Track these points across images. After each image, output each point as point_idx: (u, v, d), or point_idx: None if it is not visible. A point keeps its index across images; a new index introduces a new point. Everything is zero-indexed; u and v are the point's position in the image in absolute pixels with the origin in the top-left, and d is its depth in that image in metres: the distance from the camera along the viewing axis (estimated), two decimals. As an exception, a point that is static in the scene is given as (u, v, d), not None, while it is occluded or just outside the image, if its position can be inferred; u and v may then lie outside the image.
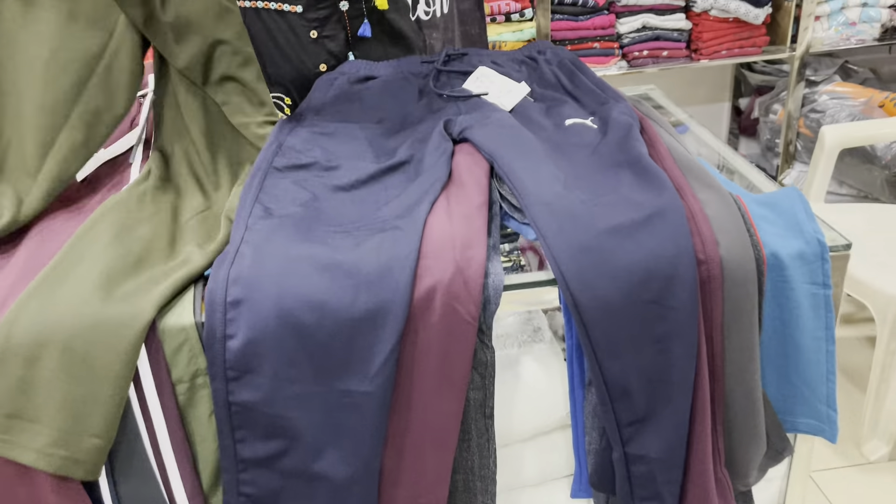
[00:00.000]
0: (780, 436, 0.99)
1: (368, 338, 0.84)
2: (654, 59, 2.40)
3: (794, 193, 0.94)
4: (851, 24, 2.43)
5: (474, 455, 0.94)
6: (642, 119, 1.13)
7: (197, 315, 0.84)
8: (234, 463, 0.88)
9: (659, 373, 0.87)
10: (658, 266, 0.85)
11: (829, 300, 0.91)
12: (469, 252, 0.87)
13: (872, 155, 2.35)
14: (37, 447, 0.78)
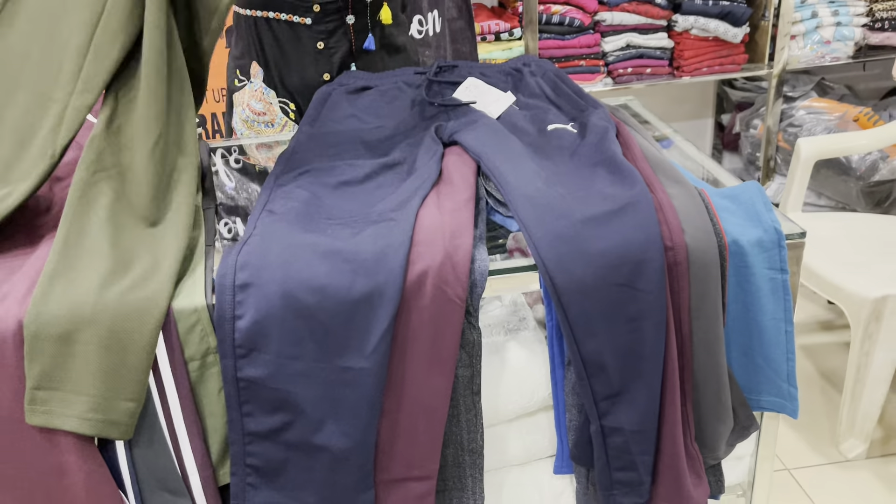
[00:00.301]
0: (747, 413, 1.07)
1: (365, 318, 0.92)
2: (637, 76, 2.51)
3: (754, 187, 1.03)
4: (826, 43, 2.54)
5: (463, 430, 1.01)
6: (618, 124, 1.22)
7: (208, 297, 0.92)
8: (241, 436, 0.95)
9: (631, 350, 0.95)
10: (629, 252, 0.94)
11: (786, 284, 0.99)
12: (457, 240, 0.95)
13: (848, 167, 2.46)
14: (76, 414, 0.86)
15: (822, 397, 2.22)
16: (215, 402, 0.94)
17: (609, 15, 2.42)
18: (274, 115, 1.56)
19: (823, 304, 2.61)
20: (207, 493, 0.95)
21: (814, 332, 2.53)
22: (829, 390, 2.25)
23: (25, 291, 0.90)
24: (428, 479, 0.99)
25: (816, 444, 2.06)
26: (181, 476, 0.94)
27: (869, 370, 1.89)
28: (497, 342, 1.13)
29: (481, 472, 1.03)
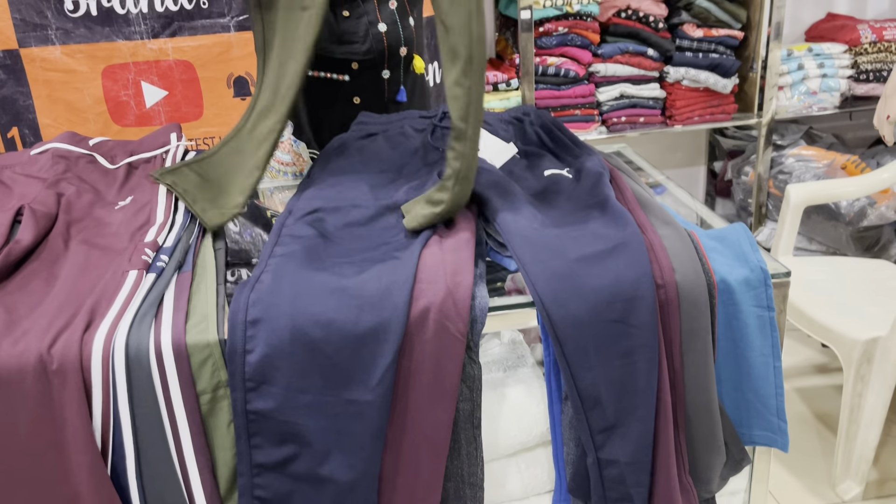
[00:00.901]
0: (739, 447, 1.10)
1: (370, 352, 0.96)
2: (631, 125, 2.59)
3: (741, 229, 1.08)
4: (813, 94, 2.63)
5: (464, 463, 1.04)
6: (612, 169, 1.28)
7: (220, 332, 0.96)
8: (249, 468, 0.98)
9: (626, 384, 0.99)
10: (622, 289, 0.98)
11: (773, 321, 1.04)
12: (458, 278, 1.00)
13: (837, 213, 2.52)
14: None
15: (818, 439, 2.24)
16: (224, 436, 0.97)
17: (603, 66, 2.51)
18: (303, 165, 1.61)
19: (817, 348, 2.64)
20: (215, 525, 0.98)
21: (808, 374, 2.55)
22: (825, 432, 2.27)
23: (46, 326, 0.94)
24: (430, 513, 1.02)
25: (813, 486, 2.07)
26: (190, 507, 0.96)
27: (862, 412, 1.92)
28: (496, 379, 1.17)
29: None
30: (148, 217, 1.21)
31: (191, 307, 1.01)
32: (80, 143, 1.49)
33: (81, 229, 1.22)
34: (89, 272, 1.08)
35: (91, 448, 0.91)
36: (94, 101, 2.30)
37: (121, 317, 0.96)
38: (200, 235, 1.20)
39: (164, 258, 1.10)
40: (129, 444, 0.93)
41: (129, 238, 1.17)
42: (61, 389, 0.90)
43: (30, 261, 1.12)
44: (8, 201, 1.31)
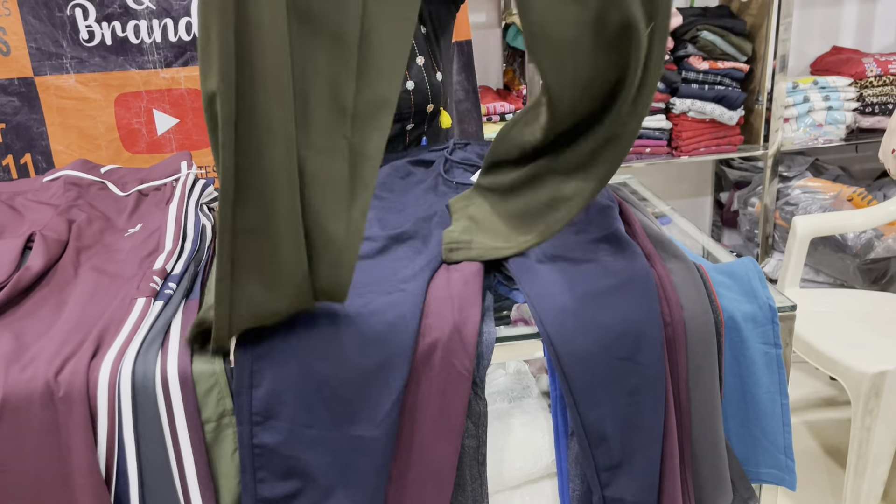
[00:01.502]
0: (746, 485, 1.09)
1: (377, 387, 0.96)
2: (637, 155, 2.60)
3: (750, 263, 1.08)
4: (818, 126, 2.64)
5: (468, 499, 1.04)
6: (620, 202, 1.29)
7: (226, 361, 0.96)
8: (254, 501, 0.98)
9: (632, 421, 0.99)
10: (630, 326, 0.98)
11: (780, 358, 1.03)
12: (465, 313, 1.00)
13: (844, 245, 2.51)
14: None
15: (827, 474, 2.22)
16: (229, 464, 0.97)
17: (610, 97, 2.53)
18: None
19: (826, 381, 2.63)
20: (217, 555, 0.97)
21: (817, 408, 2.53)
22: (834, 467, 2.25)
23: (54, 353, 0.94)
24: (433, 550, 1.01)
25: (821, 521, 2.05)
26: (193, 538, 0.96)
27: (871, 446, 1.90)
28: (501, 409, 1.16)
29: (486, 541, 1.05)
30: (157, 244, 1.22)
31: (198, 336, 1.01)
32: (92, 170, 1.51)
33: (91, 256, 1.23)
34: (98, 299, 1.09)
35: (95, 476, 0.91)
36: (107, 128, 2.33)
37: (128, 344, 0.96)
38: (208, 263, 1.21)
39: (171, 286, 1.10)
40: (134, 471, 0.93)
41: (138, 265, 1.17)
42: (67, 416, 0.90)
43: (39, 287, 1.13)
44: (20, 227, 1.32)
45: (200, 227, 1.30)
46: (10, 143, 2.30)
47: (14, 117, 2.27)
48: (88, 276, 1.16)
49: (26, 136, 2.29)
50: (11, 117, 2.27)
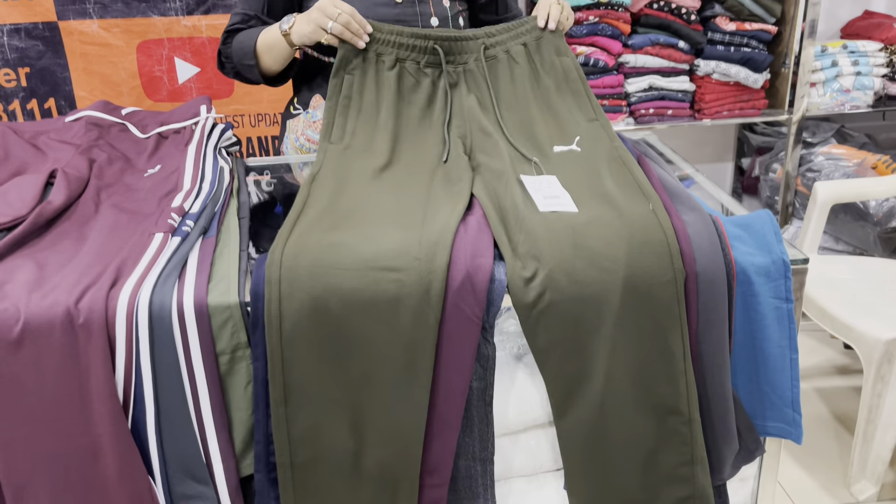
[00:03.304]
0: (753, 437, 1.10)
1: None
2: (659, 117, 2.57)
3: (766, 216, 1.08)
4: (846, 91, 2.59)
5: (475, 440, 1.05)
6: (639, 156, 1.28)
7: (241, 295, 0.98)
8: (265, 435, 1.00)
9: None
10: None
11: (791, 313, 1.03)
12: (478, 260, 1.01)
13: (865, 212, 2.48)
14: None
15: (836, 440, 2.23)
16: (241, 396, 1.00)
17: (633, 57, 2.49)
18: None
19: (839, 349, 2.62)
20: (230, 482, 1.00)
21: (829, 375, 2.53)
22: (843, 433, 2.25)
23: (74, 282, 0.96)
24: (441, 487, 1.03)
25: (828, 485, 2.06)
26: (206, 465, 0.99)
27: (881, 412, 1.90)
28: (510, 354, 1.18)
29: (492, 480, 1.07)
30: (175, 184, 1.24)
31: (213, 270, 1.03)
32: (113, 112, 1.52)
33: (111, 194, 1.25)
34: (118, 234, 1.11)
35: (113, 401, 0.94)
36: (129, 75, 2.34)
37: (145, 276, 0.98)
38: (225, 204, 1.22)
39: (189, 223, 1.12)
40: (150, 399, 0.96)
41: (157, 203, 1.19)
42: (86, 343, 0.92)
43: (61, 221, 1.15)
44: (42, 165, 1.34)
45: (218, 168, 1.31)
46: (35, 88, 2.32)
47: (38, 61, 2.29)
48: (109, 212, 1.18)
49: (50, 80, 2.31)
50: (35, 61, 2.28)
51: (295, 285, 0.96)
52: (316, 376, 0.97)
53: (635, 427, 1.02)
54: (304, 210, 1.12)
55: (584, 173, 1.18)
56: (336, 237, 1.03)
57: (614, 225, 1.03)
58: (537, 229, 1.03)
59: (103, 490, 0.96)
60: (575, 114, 1.34)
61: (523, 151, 1.27)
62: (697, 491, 1.03)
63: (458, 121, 1.33)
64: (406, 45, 1.37)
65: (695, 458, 1.02)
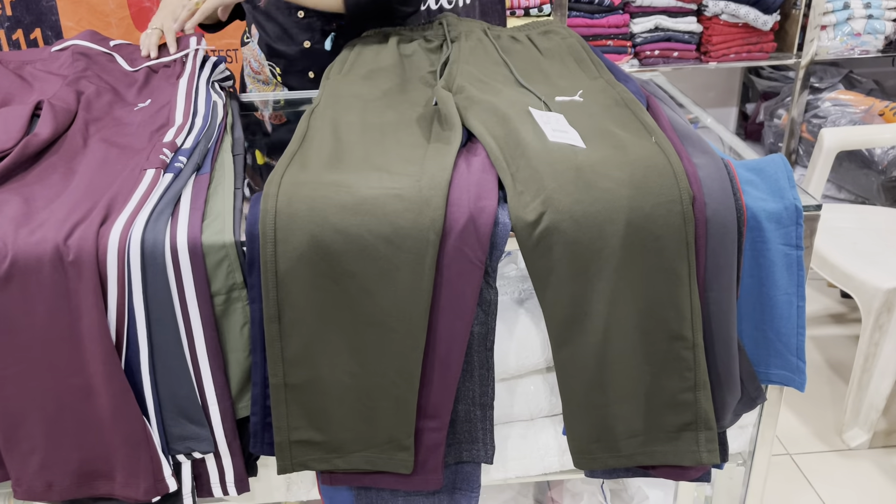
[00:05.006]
0: (755, 384, 1.08)
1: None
2: (664, 59, 2.51)
3: (780, 161, 1.04)
4: (856, 35, 2.53)
5: (476, 385, 1.04)
6: (649, 97, 1.24)
7: (237, 234, 0.94)
8: (262, 378, 0.98)
9: None
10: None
11: (800, 261, 1.01)
12: (482, 202, 0.97)
13: (870, 160, 2.45)
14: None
15: (829, 387, 2.24)
16: (237, 338, 0.97)
17: (640, -5, 2.42)
18: (267, 76, 1.64)
19: (836, 298, 2.62)
20: (226, 424, 0.99)
21: (826, 324, 2.54)
22: (837, 381, 2.26)
23: (63, 218, 0.93)
24: (440, 430, 1.02)
25: (820, 431, 2.08)
26: (201, 406, 0.97)
27: (877, 361, 1.91)
28: (513, 299, 1.16)
29: (492, 424, 1.06)
30: (167, 119, 1.19)
31: (207, 208, 0.99)
32: (101, 42, 1.46)
33: (101, 128, 1.20)
34: (107, 169, 1.07)
35: (105, 340, 0.91)
36: (117, 5, 2.25)
37: (137, 213, 0.95)
38: (219, 140, 1.18)
39: (182, 159, 1.08)
40: (143, 339, 0.93)
41: (148, 138, 1.15)
42: (77, 280, 0.89)
43: (48, 154, 1.11)
44: (28, 96, 1.29)
45: (211, 103, 1.26)
46: (20, 17, 2.23)
47: (22, -11, 2.20)
48: (98, 146, 1.14)
49: (35, 9, 2.22)
50: (19, -11, 2.20)
51: (292, 225, 0.93)
52: (312, 310, 0.95)
53: (637, 353, 0.99)
54: (302, 145, 1.08)
55: (587, 118, 1.14)
56: (334, 176, 0.99)
57: (617, 156, 1.00)
58: (538, 155, 1.00)
59: (97, 429, 0.95)
60: (577, 74, 1.32)
61: (532, 90, 1.23)
62: (700, 416, 1.01)
63: (458, 66, 1.29)
64: (412, 29, 1.44)
65: (697, 384, 1.00)
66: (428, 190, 0.96)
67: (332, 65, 1.34)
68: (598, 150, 1.03)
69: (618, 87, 1.23)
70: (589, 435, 1.03)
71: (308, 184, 0.97)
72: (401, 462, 1.01)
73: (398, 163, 1.04)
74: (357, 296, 0.95)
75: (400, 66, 1.34)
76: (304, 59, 1.55)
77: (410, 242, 0.93)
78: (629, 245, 0.95)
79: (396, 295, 0.95)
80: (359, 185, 0.97)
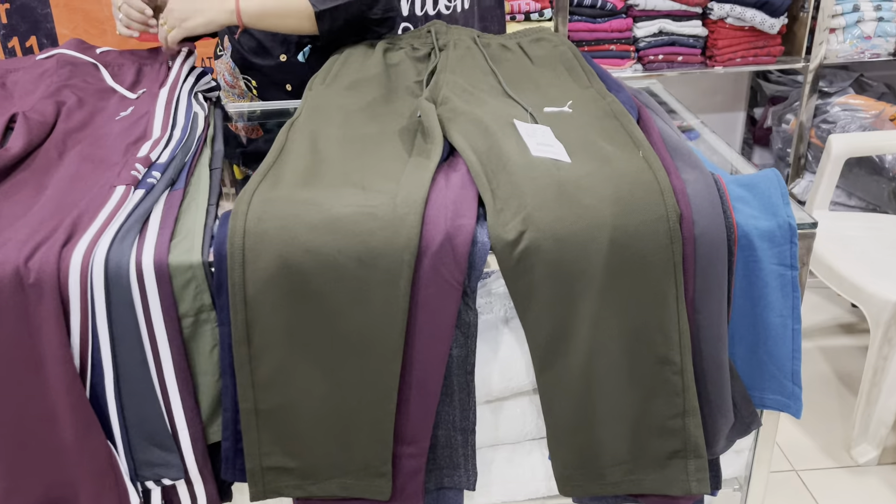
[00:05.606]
0: (749, 409, 1.04)
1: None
2: (668, 64, 2.46)
3: (773, 176, 1.00)
4: (866, 38, 2.46)
5: (456, 409, 1.00)
6: (640, 107, 1.19)
7: (205, 254, 0.91)
8: (233, 403, 0.95)
9: None
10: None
11: (795, 281, 0.96)
12: (460, 221, 0.93)
13: (881, 167, 2.39)
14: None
15: (838, 400, 2.18)
16: (207, 361, 0.94)
17: (643, 0, 2.37)
18: (242, 90, 1.63)
19: (847, 307, 2.55)
20: (196, 449, 0.96)
21: (835, 334, 2.47)
22: (846, 394, 2.20)
23: (25, 238, 0.90)
24: (419, 457, 0.99)
25: (827, 447, 2.02)
26: (170, 432, 0.94)
27: (886, 375, 1.85)
28: (496, 318, 1.12)
29: (473, 450, 1.02)
30: (144, 131, 1.16)
31: (178, 226, 0.96)
32: (87, 51, 1.43)
33: (79, 140, 1.18)
34: (78, 185, 1.04)
35: (68, 365, 0.88)
36: (112, 12, 2.23)
37: (102, 232, 0.92)
38: (198, 153, 1.15)
39: (155, 174, 1.05)
40: (108, 363, 0.90)
41: (124, 151, 1.12)
42: (37, 304, 0.86)
43: (20, 170, 1.08)
44: (8, 108, 1.26)
45: (192, 114, 1.23)
46: (16, 25, 2.22)
47: (18, -3, 2.18)
48: (72, 160, 1.11)
49: (31, 17, 2.21)
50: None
51: (260, 245, 0.90)
52: (282, 333, 0.91)
53: (623, 378, 0.95)
54: (278, 159, 1.05)
55: (575, 130, 1.10)
56: (307, 193, 0.95)
57: (602, 171, 0.96)
58: (520, 171, 0.96)
59: (62, 457, 0.92)
60: (568, 83, 1.28)
61: (519, 101, 1.19)
62: (689, 443, 0.97)
63: (444, 76, 1.25)
64: (399, 37, 1.41)
65: (686, 410, 0.96)
66: (403, 208, 0.92)
67: (317, 75, 1.31)
68: (583, 164, 0.99)
69: (608, 98, 1.19)
70: (573, 461, 0.99)
71: (279, 201, 0.93)
72: (377, 489, 0.98)
73: (376, 178, 1.01)
74: (329, 318, 0.92)
75: (385, 75, 1.31)
76: (281, 72, 1.52)
77: (384, 262, 0.90)
78: (613, 265, 0.91)
79: (370, 317, 0.92)
80: (332, 203, 0.93)
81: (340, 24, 1.39)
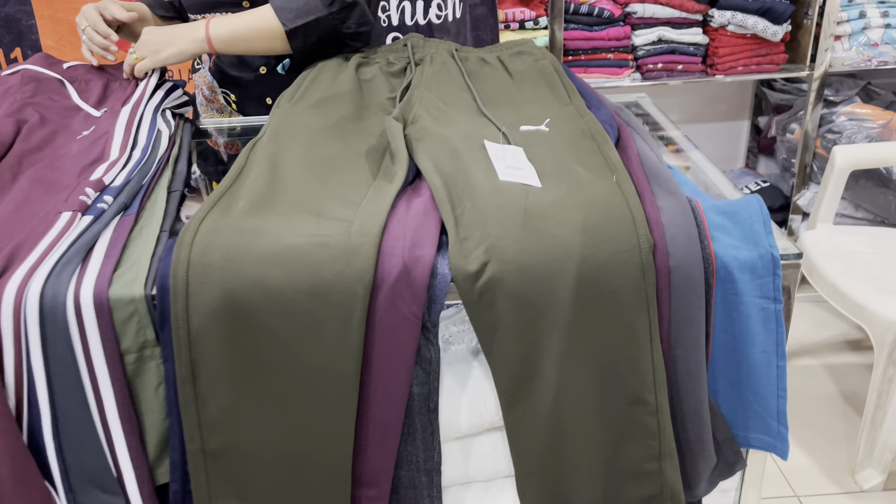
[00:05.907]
0: (733, 449, 0.98)
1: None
2: (668, 72, 2.39)
3: (755, 202, 0.94)
4: (873, 46, 2.39)
5: (419, 449, 0.95)
6: (620, 127, 1.13)
7: (148, 287, 0.86)
8: (181, 443, 0.90)
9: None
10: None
11: (779, 315, 0.90)
12: (418, 251, 0.88)
13: (888, 179, 2.31)
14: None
15: (843, 421, 2.10)
16: (153, 399, 0.89)
17: (641, 7, 2.30)
18: (221, 104, 1.58)
19: (853, 323, 2.47)
20: (143, 492, 0.90)
21: (841, 351, 2.40)
22: (851, 414, 2.13)
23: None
24: (380, 499, 0.94)
25: (832, 471, 1.94)
26: (115, 474, 0.89)
27: (891, 398, 1.77)
28: (468, 348, 1.06)
29: (439, 491, 0.97)
30: (102, 152, 1.11)
31: (124, 255, 0.91)
32: (53, 66, 1.39)
33: (35, 161, 1.13)
34: (25, 211, 0.99)
35: (1, 405, 0.83)
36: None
37: (40, 263, 0.87)
38: (157, 176, 1.10)
39: (107, 199, 1.00)
40: (45, 403, 0.85)
41: (78, 174, 1.07)
42: (-33, 342, 0.82)
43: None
44: (-32, 127, 1.22)
45: (154, 133, 1.18)
46: (0, 36, 2.19)
47: (2, 8, 2.15)
48: (24, 184, 1.06)
49: (15, 28, 2.18)
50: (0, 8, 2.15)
51: (204, 277, 0.84)
52: (229, 370, 0.86)
53: (594, 418, 0.89)
54: (234, 183, 1.00)
55: (549, 151, 1.04)
56: (257, 221, 0.90)
57: (572, 198, 0.90)
58: (485, 197, 0.91)
59: (-3, 501, 0.87)
60: (547, 99, 1.22)
61: (493, 119, 1.13)
62: (667, 487, 0.91)
63: (418, 93, 1.20)
64: (374, 51, 1.37)
65: (662, 453, 0.90)
66: (358, 237, 0.87)
67: (285, 92, 1.26)
68: (553, 190, 0.93)
69: (587, 117, 1.13)
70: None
71: (227, 230, 0.88)
72: None
73: (334, 204, 0.95)
74: (279, 355, 0.86)
75: (357, 92, 1.25)
76: (261, 85, 1.48)
77: (336, 296, 0.84)
78: (581, 299, 0.85)
79: (323, 353, 0.86)
80: (283, 232, 0.88)
81: (314, 41, 1.34)
